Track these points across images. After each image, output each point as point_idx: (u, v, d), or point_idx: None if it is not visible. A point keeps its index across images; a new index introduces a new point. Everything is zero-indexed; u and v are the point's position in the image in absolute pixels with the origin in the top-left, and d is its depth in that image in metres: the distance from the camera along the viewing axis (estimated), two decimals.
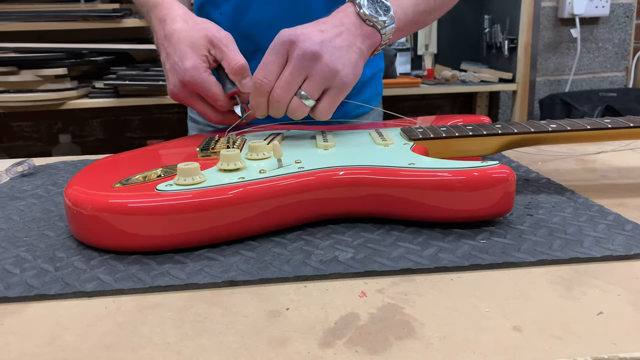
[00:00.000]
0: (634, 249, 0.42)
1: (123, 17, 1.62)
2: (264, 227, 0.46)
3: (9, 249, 0.46)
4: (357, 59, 0.55)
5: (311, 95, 0.54)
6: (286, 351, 0.31)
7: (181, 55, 0.59)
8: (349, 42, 0.55)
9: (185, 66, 0.58)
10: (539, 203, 0.53)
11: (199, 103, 0.61)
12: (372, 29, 0.57)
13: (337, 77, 0.54)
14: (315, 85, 0.53)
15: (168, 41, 0.61)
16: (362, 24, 0.56)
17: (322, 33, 0.54)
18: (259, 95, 0.55)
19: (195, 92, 0.60)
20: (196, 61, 0.58)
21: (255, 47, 0.73)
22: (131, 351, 0.32)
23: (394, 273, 0.40)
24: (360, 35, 0.56)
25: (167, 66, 0.61)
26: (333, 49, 0.53)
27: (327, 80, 0.53)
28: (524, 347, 0.31)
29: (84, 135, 2.09)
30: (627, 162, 0.69)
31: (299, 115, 0.55)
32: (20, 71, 1.57)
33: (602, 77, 2.20)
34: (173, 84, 0.60)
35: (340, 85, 0.54)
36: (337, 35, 0.54)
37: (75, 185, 0.47)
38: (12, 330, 0.35)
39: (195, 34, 0.60)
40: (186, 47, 0.59)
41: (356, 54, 0.55)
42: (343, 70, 0.54)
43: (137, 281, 0.39)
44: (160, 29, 0.63)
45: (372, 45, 0.57)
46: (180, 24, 0.61)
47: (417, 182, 0.46)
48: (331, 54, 0.53)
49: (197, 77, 0.58)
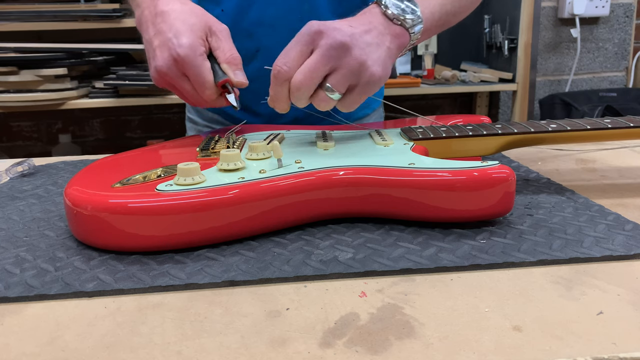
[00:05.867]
0: (634, 249, 0.42)
1: (123, 17, 1.62)
2: (264, 227, 0.46)
3: (9, 249, 0.46)
4: (386, 58, 0.54)
5: (337, 89, 0.51)
6: (286, 351, 0.31)
7: (177, 32, 0.56)
8: (379, 40, 0.53)
9: (182, 42, 0.55)
10: (539, 203, 0.53)
11: (186, 85, 0.57)
12: (401, 28, 0.55)
13: (367, 73, 0.51)
14: (343, 78, 0.51)
15: (161, 17, 0.58)
16: (390, 24, 0.55)
17: (352, 28, 0.52)
18: (278, 84, 0.52)
19: (185, 73, 0.57)
20: (194, 41, 0.55)
21: (256, 47, 0.73)
22: (131, 351, 0.32)
23: (394, 273, 0.40)
24: (389, 35, 0.54)
25: (156, 42, 0.57)
26: (364, 44, 0.51)
27: (355, 74, 0.51)
28: (524, 347, 0.31)
29: (84, 135, 2.09)
30: (627, 162, 0.69)
31: (324, 108, 0.53)
32: (20, 71, 1.57)
33: (602, 77, 2.20)
34: (163, 60, 0.56)
35: (369, 82, 0.52)
36: (367, 32, 0.53)
37: (75, 185, 0.47)
38: (12, 330, 0.35)
39: (194, 17, 0.58)
40: (183, 26, 0.56)
41: (385, 52, 0.53)
42: (373, 67, 0.51)
43: (137, 281, 0.39)
44: (151, 7, 0.59)
45: (401, 45, 0.56)
46: (177, 5, 0.59)
47: (417, 182, 0.46)
48: (361, 49, 0.51)
49: (193, 57, 0.55)
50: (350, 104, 0.53)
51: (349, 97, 0.53)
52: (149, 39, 0.59)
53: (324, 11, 0.58)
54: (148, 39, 0.59)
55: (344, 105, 0.53)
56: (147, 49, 0.60)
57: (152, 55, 0.58)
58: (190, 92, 0.58)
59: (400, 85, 1.80)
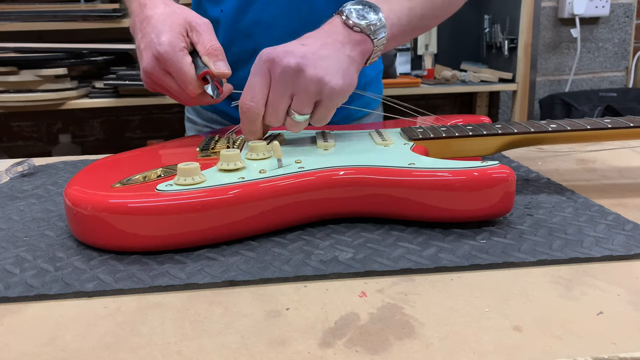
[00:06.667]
0: (634, 249, 0.42)
1: (123, 17, 1.62)
2: (264, 227, 0.46)
3: (9, 249, 0.46)
4: (348, 67, 0.53)
5: (301, 112, 0.52)
6: (286, 351, 0.31)
7: (158, 32, 0.57)
8: (336, 50, 0.53)
9: (161, 40, 0.56)
10: (539, 203, 0.53)
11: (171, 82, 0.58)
12: (362, 34, 0.55)
13: (326, 88, 0.51)
14: (303, 101, 0.51)
15: (146, 22, 0.59)
16: (350, 32, 0.54)
17: (305, 47, 0.52)
18: (249, 120, 0.53)
19: (167, 71, 0.57)
20: (174, 38, 0.56)
21: (255, 47, 0.73)
22: (131, 351, 0.32)
23: (394, 273, 0.40)
24: (348, 43, 0.54)
25: (142, 45, 0.59)
26: (316, 60, 0.51)
27: (314, 93, 0.51)
28: (524, 347, 0.31)
29: (84, 135, 2.09)
30: (627, 162, 0.69)
31: (296, 130, 0.53)
32: (20, 71, 1.57)
33: (602, 77, 2.20)
34: (147, 61, 0.57)
35: (331, 95, 0.51)
36: (322, 46, 0.52)
37: (75, 185, 0.47)
38: (12, 330, 0.35)
39: (174, 17, 0.59)
40: (164, 26, 0.57)
41: (345, 62, 0.53)
42: (331, 80, 0.51)
43: (137, 281, 0.39)
44: (140, 14, 0.61)
45: (363, 51, 0.55)
46: (162, 8, 0.60)
47: (417, 182, 0.46)
48: (314, 66, 0.50)
49: (172, 53, 0.56)
50: (321, 119, 0.54)
51: (317, 113, 0.53)
52: (138, 44, 0.60)
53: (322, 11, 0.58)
54: (137, 44, 0.61)
55: (315, 121, 0.54)
56: (137, 55, 0.61)
57: (140, 58, 0.60)
58: (176, 90, 0.58)
59: (400, 85, 1.80)
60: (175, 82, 0.58)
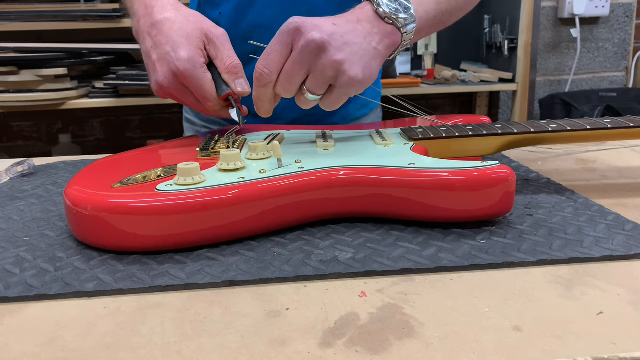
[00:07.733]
0: (634, 249, 0.42)
1: (123, 17, 1.62)
2: (264, 227, 0.46)
3: (9, 249, 0.46)
4: (371, 59, 0.51)
5: (314, 92, 0.50)
6: (286, 351, 0.31)
7: (175, 45, 0.55)
8: (364, 40, 0.51)
9: (180, 56, 0.54)
10: (539, 203, 0.53)
11: (189, 97, 0.57)
12: (392, 27, 0.53)
13: (343, 76, 0.49)
14: (318, 81, 0.50)
15: (157, 29, 0.57)
16: (380, 22, 0.52)
17: (335, 26, 0.50)
18: (259, 87, 0.51)
19: (186, 86, 0.56)
20: (193, 53, 0.55)
21: (254, 50, 0.73)
22: (131, 351, 0.32)
23: (394, 273, 0.40)
24: (378, 34, 0.52)
25: (155, 56, 0.56)
26: (343, 44, 0.49)
27: (330, 77, 0.50)
28: (524, 347, 0.31)
29: (84, 135, 2.09)
30: (627, 162, 0.69)
31: (304, 107, 0.52)
32: (20, 71, 1.57)
33: (602, 77, 2.20)
34: (163, 75, 0.56)
35: (346, 83, 0.50)
36: (351, 30, 0.50)
37: (75, 185, 0.47)
38: (12, 330, 0.35)
39: (189, 26, 0.57)
40: (180, 38, 0.55)
41: (370, 53, 0.51)
42: (350, 69, 0.49)
43: (137, 281, 0.39)
44: (146, 16, 0.58)
45: (391, 45, 0.53)
46: (172, 13, 0.58)
47: (417, 182, 0.46)
48: (338, 49, 0.49)
49: (193, 71, 0.54)
50: (331, 104, 0.52)
51: (329, 97, 0.52)
52: (147, 51, 0.58)
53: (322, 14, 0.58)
54: (146, 51, 0.59)
55: (324, 105, 0.52)
56: (145, 61, 0.59)
57: (152, 68, 0.58)
58: (194, 103, 0.58)
59: (400, 85, 1.80)
60: (193, 97, 0.57)
